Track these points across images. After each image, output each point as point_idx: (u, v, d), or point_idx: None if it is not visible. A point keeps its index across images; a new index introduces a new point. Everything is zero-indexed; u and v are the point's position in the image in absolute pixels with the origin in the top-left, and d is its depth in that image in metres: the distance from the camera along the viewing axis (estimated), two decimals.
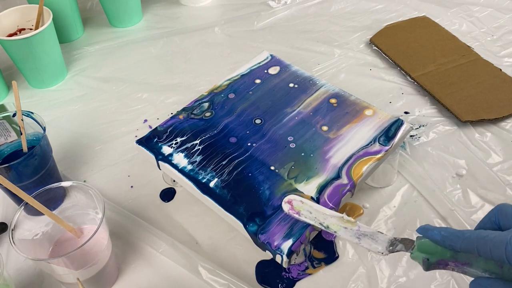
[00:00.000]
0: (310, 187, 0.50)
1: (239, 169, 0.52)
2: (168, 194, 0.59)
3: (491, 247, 0.30)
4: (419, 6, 0.89)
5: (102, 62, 0.82)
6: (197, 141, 0.55)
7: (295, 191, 0.49)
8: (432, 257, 0.35)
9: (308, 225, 0.46)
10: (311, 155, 0.53)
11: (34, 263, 0.52)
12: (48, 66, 0.75)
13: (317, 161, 0.52)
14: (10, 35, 0.74)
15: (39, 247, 0.47)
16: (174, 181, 0.60)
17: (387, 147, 0.53)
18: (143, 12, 0.92)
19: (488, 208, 0.56)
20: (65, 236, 0.49)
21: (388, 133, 0.55)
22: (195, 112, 0.59)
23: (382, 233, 0.40)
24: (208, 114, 0.59)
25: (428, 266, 0.35)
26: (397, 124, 0.56)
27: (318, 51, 0.80)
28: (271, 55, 0.67)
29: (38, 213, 0.45)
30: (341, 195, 0.49)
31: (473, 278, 0.33)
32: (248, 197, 0.49)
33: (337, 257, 0.52)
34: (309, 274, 0.51)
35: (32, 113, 0.54)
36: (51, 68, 0.75)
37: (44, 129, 0.53)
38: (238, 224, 0.48)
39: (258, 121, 0.57)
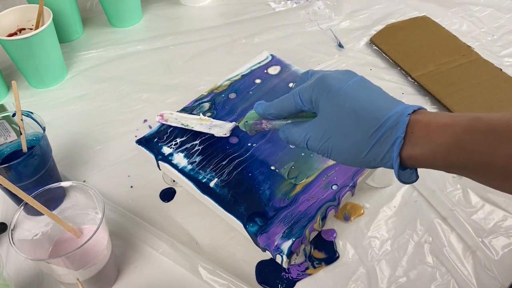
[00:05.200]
0: None
1: (239, 169, 0.52)
2: (168, 194, 0.59)
3: (284, 105, 0.41)
4: (419, 6, 0.89)
5: (102, 62, 0.81)
6: (197, 142, 0.55)
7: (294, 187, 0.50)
8: (250, 120, 0.45)
9: (308, 224, 0.46)
10: (311, 155, 0.53)
11: (34, 263, 0.52)
12: (48, 66, 0.74)
13: (317, 161, 0.52)
14: (10, 35, 0.74)
15: (39, 247, 0.47)
16: (174, 181, 0.60)
17: None
18: (143, 12, 0.92)
19: (488, 208, 0.56)
20: (65, 236, 0.49)
21: None
22: (195, 112, 0.59)
23: (230, 123, 0.53)
24: (208, 114, 0.58)
25: (249, 127, 0.46)
26: None
27: (318, 51, 0.80)
28: (271, 55, 0.67)
29: (38, 213, 0.45)
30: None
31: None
32: (248, 197, 0.49)
33: (338, 257, 0.52)
34: (309, 274, 0.51)
35: (32, 113, 0.54)
36: (51, 68, 0.75)
37: (43, 129, 0.53)
38: (238, 224, 0.48)
39: None
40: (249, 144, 0.55)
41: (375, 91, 0.37)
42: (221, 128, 0.52)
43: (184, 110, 0.59)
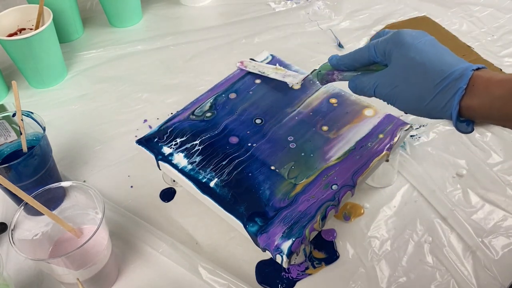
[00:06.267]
0: None
1: (239, 169, 0.52)
2: (168, 194, 0.59)
3: (358, 56, 0.46)
4: (419, 6, 0.89)
5: (102, 62, 0.81)
6: (197, 141, 0.55)
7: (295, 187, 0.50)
8: (323, 70, 0.49)
9: (308, 224, 0.46)
10: (311, 155, 0.53)
11: (34, 263, 0.52)
12: (48, 66, 0.75)
13: (317, 161, 0.52)
14: (10, 35, 0.74)
15: (39, 247, 0.47)
16: (174, 181, 0.60)
17: (387, 147, 0.53)
18: (143, 12, 0.92)
19: (488, 208, 0.56)
20: (65, 236, 0.49)
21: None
22: (195, 112, 0.59)
23: (303, 74, 0.58)
24: (209, 114, 0.58)
25: (321, 77, 0.49)
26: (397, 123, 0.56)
27: (318, 51, 0.80)
28: (271, 55, 0.67)
29: (38, 213, 0.45)
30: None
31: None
32: (248, 197, 0.49)
33: (338, 257, 0.52)
34: (309, 274, 0.51)
35: (32, 113, 0.54)
36: (51, 68, 0.75)
37: (44, 129, 0.53)
38: (238, 224, 0.48)
39: (258, 121, 0.57)
40: (249, 144, 0.55)
41: (444, 50, 0.41)
42: (294, 78, 0.57)
43: (185, 110, 0.59)
